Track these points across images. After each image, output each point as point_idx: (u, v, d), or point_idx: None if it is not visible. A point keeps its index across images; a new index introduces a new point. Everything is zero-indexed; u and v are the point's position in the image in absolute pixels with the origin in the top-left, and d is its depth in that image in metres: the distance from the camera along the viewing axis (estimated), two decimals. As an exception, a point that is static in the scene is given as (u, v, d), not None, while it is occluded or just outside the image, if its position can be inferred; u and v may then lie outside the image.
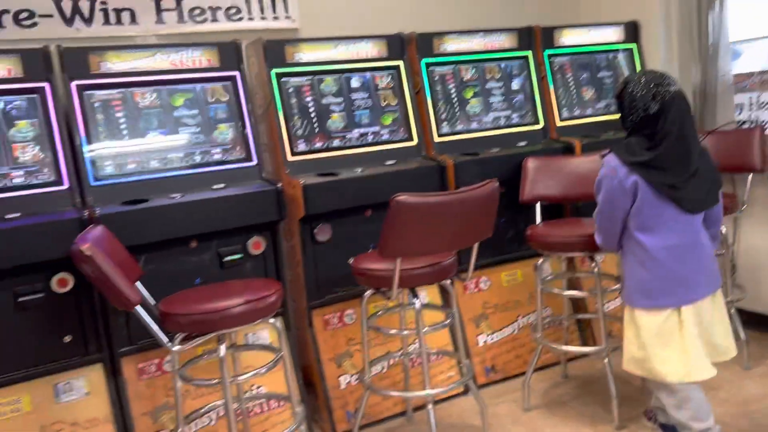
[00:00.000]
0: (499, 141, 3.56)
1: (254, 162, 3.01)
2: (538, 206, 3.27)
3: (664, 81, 2.32)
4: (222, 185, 2.85)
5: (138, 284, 2.43)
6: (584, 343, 3.60)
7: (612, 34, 3.97)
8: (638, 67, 4.01)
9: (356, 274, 2.67)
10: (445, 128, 3.47)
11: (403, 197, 2.26)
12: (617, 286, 3.02)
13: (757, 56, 3.68)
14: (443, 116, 3.48)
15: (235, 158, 2.98)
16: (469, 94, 3.56)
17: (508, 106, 3.64)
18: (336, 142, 3.21)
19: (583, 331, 3.65)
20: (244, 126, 3.00)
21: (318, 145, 3.17)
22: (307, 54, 3.17)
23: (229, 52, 3.00)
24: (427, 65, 3.46)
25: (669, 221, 2.33)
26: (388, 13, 3.75)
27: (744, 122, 3.68)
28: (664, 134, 2.28)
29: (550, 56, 3.77)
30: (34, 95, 2.59)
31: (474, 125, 3.55)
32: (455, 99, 3.52)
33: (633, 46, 4.02)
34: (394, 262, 2.41)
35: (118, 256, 2.33)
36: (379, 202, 3.07)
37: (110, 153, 2.72)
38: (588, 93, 3.87)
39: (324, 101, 3.21)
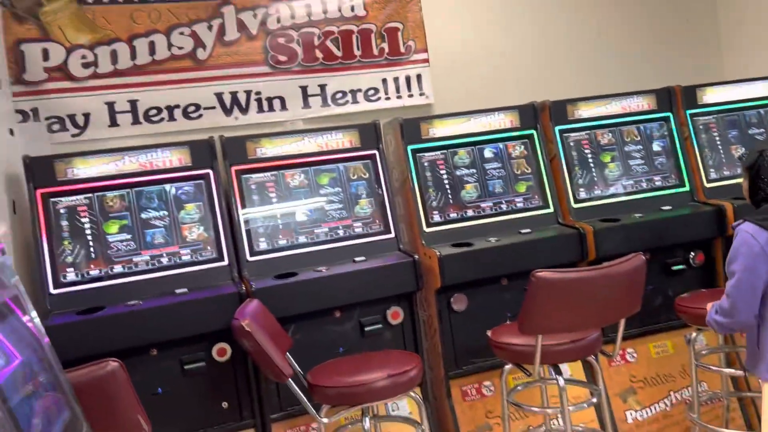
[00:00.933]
0: (641, 205, 3.42)
1: (392, 234, 3.13)
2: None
3: None
4: (363, 258, 2.99)
5: (288, 355, 2.59)
6: (748, 425, 3.27)
7: (763, 89, 3.73)
8: (796, 122, 3.72)
9: (495, 347, 2.65)
10: (582, 194, 3.41)
11: (543, 274, 2.25)
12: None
13: None
14: (580, 182, 3.42)
15: (375, 231, 3.12)
16: (606, 158, 3.48)
17: (650, 169, 3.51)
18: (470, 212, 3.26)
19: (746, 410, 3.32)
20: (382, 200, 3.14)
21: (453, 215, 3.23)
22: (440, 129, 3.28)
23: (369, 133, 3.19)
24: (561, 132, 3.45)
25: None
26: (518, 83, 3.81)
27: None
28: None
29: (692, 116, 3.61)
30: (200, 181, 2.90)
31: (613, 190, 3.45)
32: (592, 164, 3.46)
33: (788, 99, 3.74)
34: (535, 338, 2.37)
35: (271, 329, 2.51)
36: (516, 272, 3.09)
37: (264, 230, 2.96)
38: (738, 152, 3.63)
39: (458, 173, 3.29)
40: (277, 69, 3.40)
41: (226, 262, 2.86)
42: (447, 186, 3.27)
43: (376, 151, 3.19)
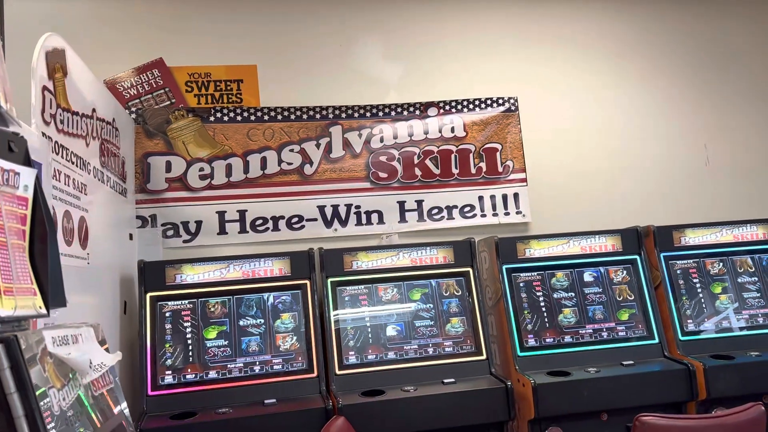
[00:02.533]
0: (756, 343, 3.15)
1: (483, 356, 3.03)
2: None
3: None
4: (452, 380, 2.90)
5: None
6: None
7: None
8: None
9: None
10: (691, 326, 3.19)
11: (650, 419, 2.08)
12: None
13: None
14: (688, 312, 3.22)
15: (466, 351, 3.04)
16: (717, 289, 3.27)
17: (766, 303, 3.25)
18: (568, 338, 3.12)
19: None
20: (475, 319, 3.08)
21: (549, 340, 3.11)
22: (537, 250, 3.23)
23: (464, 250, 3.19)
24: (667, 258, 3.30)
25: None
26: (617, 207, 3.73)
27: None
28: None
29: (817, 247, 3.36)
30: (298, 291, 2.98)
31: (725, 324, 3.21)
32: (701, 294, 3.26)
33: None
34: (640, 489, 2.16)
35: (356, 452, 2.44)
36: (617, 408, 2.88)
37: (354, 343, 2.96)
38: None
39: (555, 296, 3.19)
40: (377, 185, 3.53)
41: (315, 374, 2.86)
42: (543, 308, 3.17)
43: (470, 269, 3.17)
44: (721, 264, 3.33)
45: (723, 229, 3.35)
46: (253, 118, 3.44)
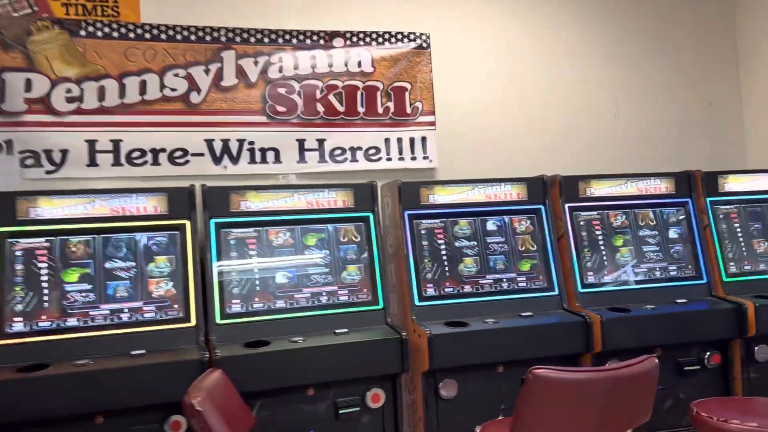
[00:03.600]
0: (653, 296, 3.15)
1: (380, 306, 2.86)
2: None
3: None
4: (345, 330, 2.71)
5: (248, 436, 2.28)
6: None
7: (789, 180, 3.51)
8: (823, 218, 3.47)
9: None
10: (591, 278, 3.14)
11: (543, 372, 1.96)
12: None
13: None
14: (588, 265, 3.16)
15: (361, 300, 2.85)
16: (618, 241, 3.23)
17: (665, 257, 3.25)
18: (468, 288, 2.99)
19: None
20: (373, 268, 2.88)
21: (449, 290, 2.97)
22: (442, 196, 3.06)
23: (365, 193, 2.97)
24: (571, 209, 3.22)
25: None
26: (528, 155, 3.61)
27: None
28: None
29: (712, 203, 3.37)
30: (176, 232, 2.66)
31: (624, 276, 3.18)
32: (602, 247, 3.20)
33: (816, 194, 3.51)
34: (530, 443, 2.06)
35: (231, 408, 2.21)
36: (514, 359, 2.80)
37: (239, 291, 2.70)
38: (760, 246, 3.38)
39: (457, 244, 3.05)
40: (274, 120, 3.22)
41: (192, 324, 2.59)
42: (444, 257, 3.02)
43: (370, 214, 2.96)
44: (624, 217, 3.28)
45: (628, 182, 3.30)
46: (132, 35, 3.01)
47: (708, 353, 3.05)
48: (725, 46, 4.04)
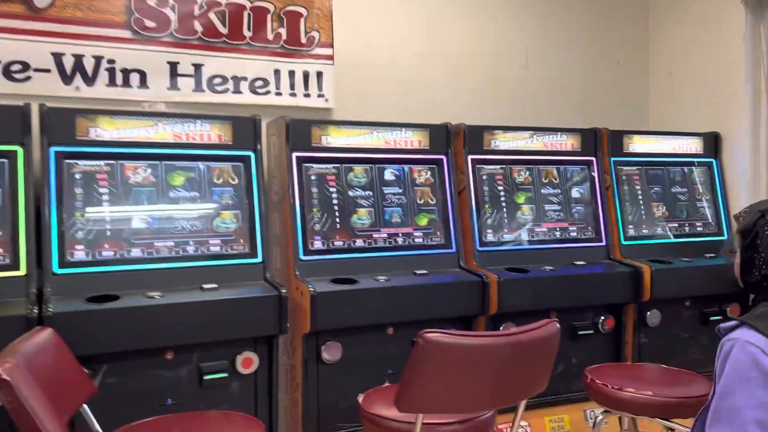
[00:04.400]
0: (552, 257, 3.00)
1: (259, 259, 2.50)
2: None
3: None
4: (214, 285, 2.34)
5: (85, 408, 1.88)
6: None
7: (689, 145, 3.46)
8: (717, 185, 3.46)
9: (365, 419, 2.07)
10: (490, 236, 2.94)
11: (435, 336, 1.70)
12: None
13: None
14: (489, 222, 2.95)
15: (237, 252, 2.48)
16: (520, 198, 3.04)
17: (566, 217, 3.10)
18: (360, 243, 2.70)
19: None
20: (252, 215, 2.51)
21: (338, 244, 2.66)
22: (336, 138, 2.72)
23: (245, 129, 2.57)
24: (474, 161, 2.98)
25: None
26: (432, 101, 3.33)
27: None
28: None
29: (616, 164, 3.26)
30: (3, 160, 2.16)
31: (524, 236, 3.00)
32: (504, 204, 3.00)
33: (713, 160, 3.49)
34: (415, 416, 1.82)
35: (61, 374, 1.80)
36: (405, 321, 2.56)
37: (84, 235, 2.24)
38: (659, 210, 3.31)
39: (351, 193, 2.73)
40: (141, 36, 2.72)
41: (22, 273, 2.12)
42: (336, 207, 2.70)
43: (251, 153, 2.57)
44: (527, 173, 3.09)
45: (534, 136, 3.10)
46: None
47: (602, 317, 2.95)
48: (638, 3, 3.91)
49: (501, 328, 2.76)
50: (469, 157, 2.97)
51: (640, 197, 3.28)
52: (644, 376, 2.45)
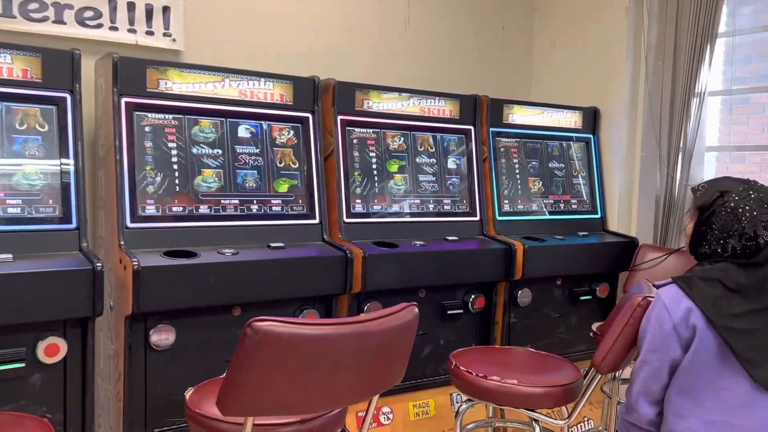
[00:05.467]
0: (424, 231, 2.77)
1: (73, 225, 2.06)
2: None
3: None
4: (9, 257, 1.88)
5: None
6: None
7: (569, 120, 3.34)
8: (594, 161, 3.39)
9: (190, 419, 1.73)
10: (358, 207, 2.66)
11: (266, 325, 1.39)
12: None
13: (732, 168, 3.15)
14: (357, 191, 2.67)
15: (44, 216, 2.02)
16: (393, 167, 2.78)
17: (440, 189, 2.88)
18: (203, 209, 2.31)
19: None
20: (67, 173, 2.05)
21: (177, 210, 2.26)
22: (179, 84, 2.30)
23: (61, 66, 2.08)
24: (344, 123, 2.67)
25: None
26: (298, 51, 2.97)
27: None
28: None
29: (495, 135, 3.08)
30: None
31: (395, 207, 2.75)
32: (375, 172, 2.73)
33: (591, 136, 3.40)
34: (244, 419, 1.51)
35: None
36: (255, 301, 2.23)
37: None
38: (535, 185, 3.18)
39: (195, 151, 2.33)
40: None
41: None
42: (175, 166, 2.29)
43: (68, 95, 2.10)
44: (402, 139, 2.83)
45: (411, 99, 2.83)
46: None
47: (473, 296, 2.78)
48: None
49: (365, 308, 2.51)
50: (339, 118, 2.65)
51: (517, 171, 3.13)
52: (511, 361, 2.29)
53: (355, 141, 2.71)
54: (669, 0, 3.06)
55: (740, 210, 1.64)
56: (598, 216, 3.36)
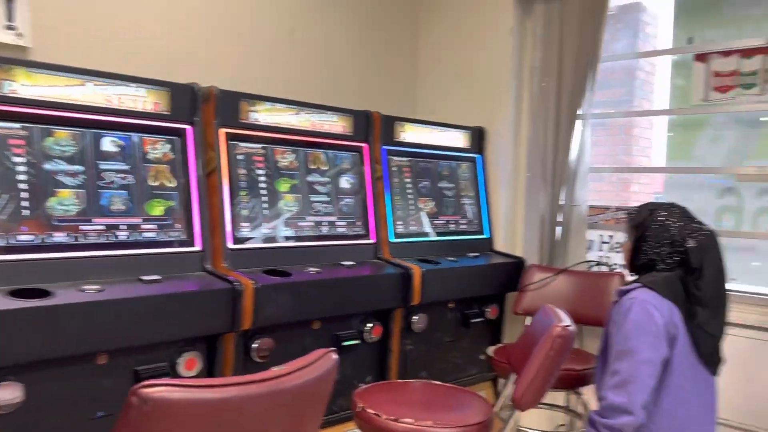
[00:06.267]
0: (317, 256, 2.56)
1: None
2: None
3: (695, 217, 1.98)
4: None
5: None
6: None
7: (457, 139, 3.30)
8: (480, 180, 3.37)
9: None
10: (245, 231, 2.38)
11: (158, 392, 1.10)
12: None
13: (614, 189, 3.26)
14: (245, 213, 2.39)
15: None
16: (284, 186, 2.54)
17: (334, 210, 2.68)
18: (59, 237, 1.92)
19: None
20: None
21: (26, 238, 1.85)
22: (28, 87, 1.90)
23: None
24: (230, 136, 2.39)
25: None
26: (180, 60, 2.64)
27: (596, 263, 3.16)
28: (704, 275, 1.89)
29: (388, 153, 2.94)
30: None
31: (287, 231, 2.51)
32: (264, 191, 2.47)
33: (478, 156, 3.38)
34: None
35: None
36: (122, 347, 1.88)
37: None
38: (427, 205, 3.09)
39: (48, 166, 1.94)
40: None
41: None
42: (26, 186, 1.89)
43: None
44: (294, 156, 2.59)
45: (301, 112, 2.61)
46: None
47: (370, 325, 2.60)
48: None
49: (254, 345, 2.23)
50: (222, 131, 2.37)
51: (409, 191, 3.01)
52: (418, 397, 2.14)
53: (240, 157, 2.43)
54: (553, 22, 3.12)
55: (669, 222, 1.92)
56: (486, 236, 3.34)
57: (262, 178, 2.46)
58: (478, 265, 3.04)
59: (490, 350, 2.82)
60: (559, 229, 3.15)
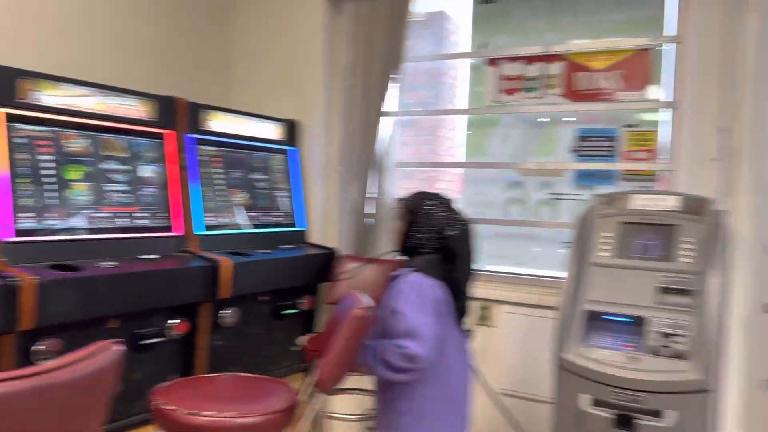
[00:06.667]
0: (113, 249, 2.38)
1: None
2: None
3: (456, 209, 2.20)
4: None
5: None
6: None
7: (271, 130, 3.27)
8: (294, 173, 3.38)
9: None
10: (29, 222, 2.15)
11: None
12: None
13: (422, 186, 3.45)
14: (24, 202, 2.15)
15: None
16: (74, 173, 2.32)
17: (133, 201, 2.52)
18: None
19: None
20: None
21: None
22: None
23: None
24: (10, 117, 2.14)
25: None
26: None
27: (404, 253, 3.31)
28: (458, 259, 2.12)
29: (196, 142, 2.83)
30: None
31: (79, 222, 2.30)
32: (53, 179, 2.24)
33: (291, 148, 3.39)
34: None
35: None
36: None
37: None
38: (239, 197, 3.02)
39: None
40: None
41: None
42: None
43: None
44: (87, 141, 2.39)
45: (97, 95, 2.42)
46: None
47: (174, 321, 2.48)
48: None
49: (36, 348, 2.02)
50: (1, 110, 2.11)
51: (219, 182, 2.93)
52: (222, 391, 2.09)
53: (21, 140, 2.18)
54: (361, 22, 3.21)
55: (434, 211, 2.13)
56: (299, 228, 3.36)
57: (47, 164, 2.24)
58: (291, 256, 3.04)
59: (303, 340, 2.84)
60: (369, 221, 3.26)
